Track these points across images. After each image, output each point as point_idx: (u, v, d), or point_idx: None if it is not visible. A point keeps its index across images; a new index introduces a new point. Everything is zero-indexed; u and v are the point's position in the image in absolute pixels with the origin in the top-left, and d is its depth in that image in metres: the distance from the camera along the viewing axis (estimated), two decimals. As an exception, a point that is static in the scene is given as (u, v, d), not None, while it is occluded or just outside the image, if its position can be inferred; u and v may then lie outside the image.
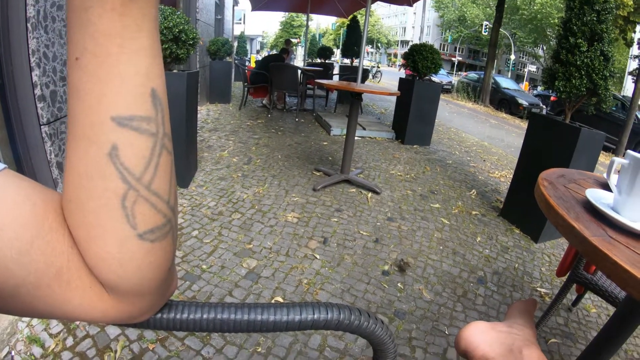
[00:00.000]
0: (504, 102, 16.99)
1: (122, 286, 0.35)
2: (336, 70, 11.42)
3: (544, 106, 15.87)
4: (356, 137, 6.22)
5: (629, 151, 0.87)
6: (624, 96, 12.70)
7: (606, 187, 1.08)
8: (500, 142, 8.75)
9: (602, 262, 0.69)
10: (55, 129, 2.13)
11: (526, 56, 45.11)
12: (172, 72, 3.09)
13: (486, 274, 2.77)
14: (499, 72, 36.20)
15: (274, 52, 21.18)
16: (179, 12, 3.07)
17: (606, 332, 1.12)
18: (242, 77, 7.94)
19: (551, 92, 3.41)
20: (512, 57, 35.49)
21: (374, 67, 25.10)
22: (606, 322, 1.13)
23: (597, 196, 0.93)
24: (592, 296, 2.70)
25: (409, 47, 6.25)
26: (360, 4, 9.32)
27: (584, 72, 3.03)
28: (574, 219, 0.81)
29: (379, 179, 4.43)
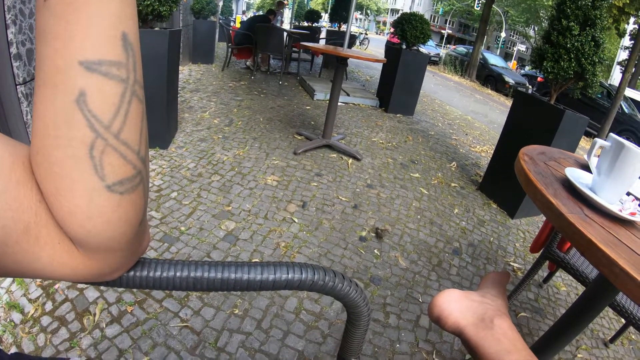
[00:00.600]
0: (491, 79, 17.02)
1: (92, 241, 0.34)
2: (323, 34, 11.20)
3: (530, 86, 15.98)
4: (340, 103, 6.18)
5: (611, 134, 0.88)
6: (610, 84, 12.83)
7: (586, 168, 1.10)
8: (483, 117, 8.80)
9: (577, 239, 0.70)
10: (31, 88, 2.05)
11: (517, 35, 44.95)
12: (154, 29, 2.98)
13: (461, 245, 2.83)
14: (488, 49, 35.99)
15: (260, 13, 20.67)
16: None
17: (574, 310, 1.15)
18: (226, 37, 7.74)
19: (538, 72, 3.41)
20: (503, 34, 35.34)
21: (361, 34, 24.72)
22: (575, 301, 1.17)
23: (576, 175, 0.94)
24: (563, 274, 2.79)
25: (399, 15, 6.16)
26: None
27: (573, 56, 3.03)
28: (552, 194, 0.82)
29: (361, 146, 4.43)
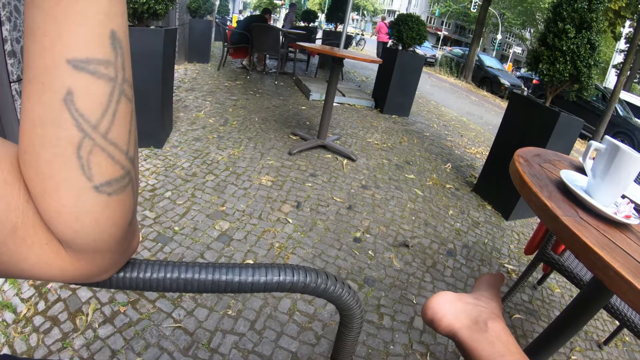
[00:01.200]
0: (486, 81, 17.05)
1: (79, 242, 0.34)
2: (319, 34, 11.21)
3: (526, 88, 16.04)
4: (335, 104, 6.18)
5: (607, 136, 0.88)
6: (605, 87, 12.93)
7: (581, 170, 1.10)
8: (479, 119, 8.82)
9: (572, 242, 0.69)
10: (24, 86, 2.04)
11: (513, 37, 45.07)
12: (149, 28, 2.96)
13: (456, 246, 2.83)
14: (484, 51, 36.14)
15: (257, 12, 20.62)
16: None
17: (569, 312, 1.16)
18: (222, 36, 7.73)
19: (534, 74, 3.42)
20: (499, 37, 35.49)
21: (357, 35, 24.78)
22: (569, 303, 1.17)
23: (571, 178, 0.94)
24: (557, 276, 2.80)
25: (396, 16, 6.17)
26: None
27: (568, 58, 3.03)
28: (547, 197, 0.82)
29: (356, 147, 4.42)
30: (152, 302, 1.80)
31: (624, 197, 0.98)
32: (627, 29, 15.87)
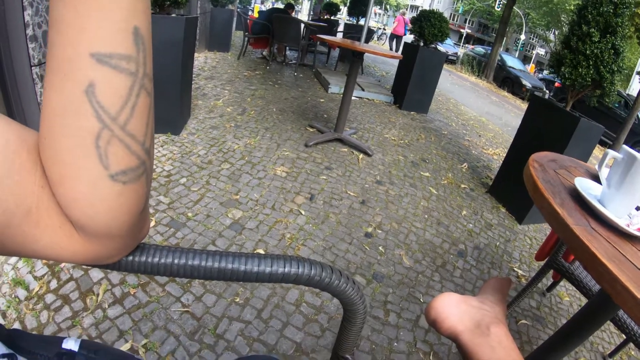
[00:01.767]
0: (508, 81, 16.77)
1: (93, 227, 0.35)
2: (341, 27, 11.15)
3: (547, 91, 15.68)
4: (354, 97, 6.17)
5: (624, 146, 0.86)
6: (628, 94, 12.61)
7: (596, 178, 1.08)
8: (498, 119, 8.71)
9: (581, 251, 0.68)
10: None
11: (536, 38, 44.25)
12: (171, 16, 2.98)
13: (467, 247, 2.82)
14: (506, 50, 35.54)
15: (279, 4, 20.57)
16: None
17: (575, 322, 1.14)
18: (243, 26, 7.74)
19: (556, 77, 3.36)
20: (522, 37, 34.85)
21: (379, 29, 24.59)
22: (576, 312, 1.16)
23: (585, 186, 0.92)
24: (567, 285, 2.76)
25: (419, 12, 6.11)
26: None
27: (591, 62, 2.97)
28: (559, 204, 0.80)
29: (372, 141, 4.41)
30: (162, 285, 1.83)
31: (638, 208, 0.96)
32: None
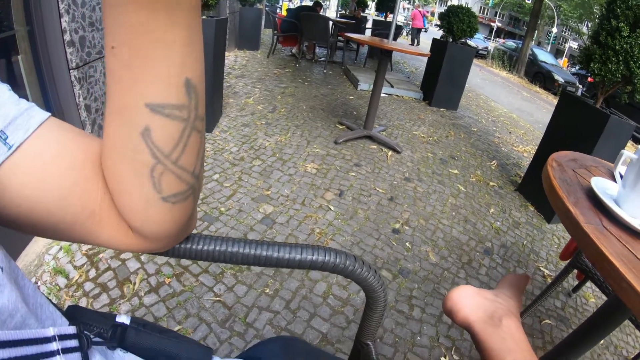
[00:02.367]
0: (539, 76, 16.32)
1: (145, 232, 0.41)
2: (369, 24, 11.12)
3: (581, 86, 15.13)
4: (383, 94, 6.17)
5: (639, 147, 0.85)
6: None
7: (616, 178, 1.08)
8: (529, 116, 8.54)
9: (590, 249, 0.69)
10: (84, 73, 2.17)
11: (569, 31, 42.71)
12: (201, 18, 3.06)
13: (494, 245, 2.82)
14: (538, 44, 34.37)
15: (307, 2, 20.58)
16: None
17: (591, 321, 1.15)
18: (272, 24, 7.82)
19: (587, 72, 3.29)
20: (554, 30, 33.76)
21: (408, 24, 24.31)
22: (594, 311, 1.15)
23: (601, 185, 0.91)
24: (593, 286, 2.71)
25: (447, 7, 6.06)
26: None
27: (621, 58, 2.89)
28: (573, 203, 0.81)
29: (401, 138, 4.43)
30: (196, 276, 1.92)
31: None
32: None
